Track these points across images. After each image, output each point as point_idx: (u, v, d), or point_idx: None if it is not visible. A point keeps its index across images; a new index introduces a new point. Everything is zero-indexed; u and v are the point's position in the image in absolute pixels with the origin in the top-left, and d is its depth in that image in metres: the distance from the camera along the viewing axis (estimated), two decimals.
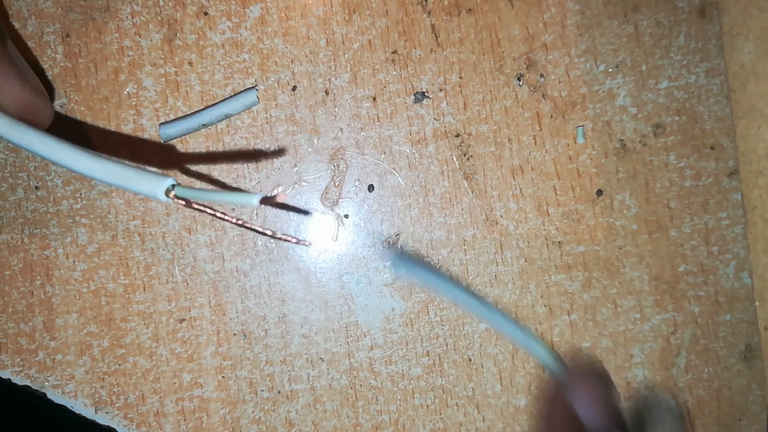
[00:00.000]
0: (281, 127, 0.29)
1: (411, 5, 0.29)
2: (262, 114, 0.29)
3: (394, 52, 0.29)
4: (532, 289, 0.29)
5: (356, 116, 0.29)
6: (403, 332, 0.29)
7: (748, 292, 0.30)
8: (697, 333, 0.29)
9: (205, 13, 0.29)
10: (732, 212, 0.29)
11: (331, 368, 0.29)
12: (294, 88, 0.29)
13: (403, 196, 0.29)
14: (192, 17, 0.29)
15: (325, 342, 0.29)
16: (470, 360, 0.29)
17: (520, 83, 0.29)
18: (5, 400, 0.29)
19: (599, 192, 0.29)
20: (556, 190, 0.29)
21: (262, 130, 0.29)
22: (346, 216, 0.29)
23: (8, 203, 0.28)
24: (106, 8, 0.28)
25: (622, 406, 0.20)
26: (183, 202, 0.18)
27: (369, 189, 0.29)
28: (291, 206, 0.24)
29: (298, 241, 0.19)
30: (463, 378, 0.29)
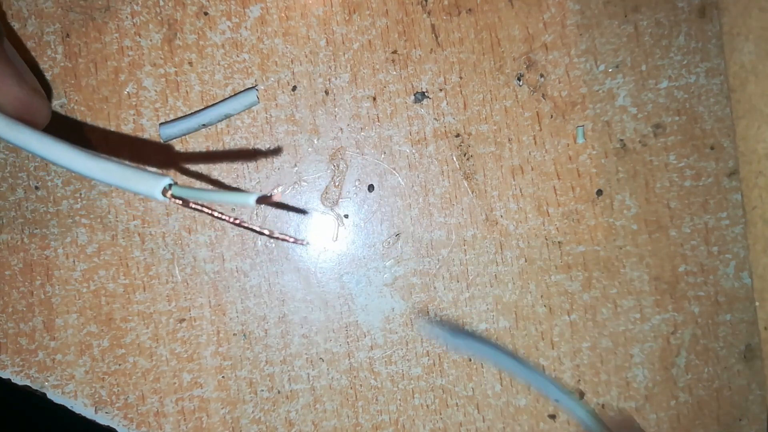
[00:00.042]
0: (281, 127, 0.29)
1: (411, 5, 0.29)
2: (262, 114, 0.29)
3: (394, 52, 0.29)
4: (532, 289, 0.29)
5: (356, 116, 0.29)
6: (403, 332, 0.29)
7: (748, 292, 0.30)
8: (697, 333, 0.29)
9: (205, 13, 0.29)
10: (732, 212, 0.29)
11: (331, 368, 0.29)
12: (294, 88, 0.29)
13: (403, 196, 0.29)
14: (192, 17, 0.29)
15: (325, 342, 0.29)
16: (470, 360, 0.29)
17: (520, 83, 0.29)
18: (5, 400, 0.29)
19: (599, 192, 0.29)
20: (556, 190, 0.29)
21: (262, 130, 0.29)
22: (346, 216, 0.29)
23: (8, 203, 0.28)
24: (106, 8, 0.28)
25: None
26: (180, 202, 0.18)
27: (369, 189, 0.29)
28: (289, 205, 0.24)
29: (295, 240, 0.19)
30: (463, 378, 0.29)
